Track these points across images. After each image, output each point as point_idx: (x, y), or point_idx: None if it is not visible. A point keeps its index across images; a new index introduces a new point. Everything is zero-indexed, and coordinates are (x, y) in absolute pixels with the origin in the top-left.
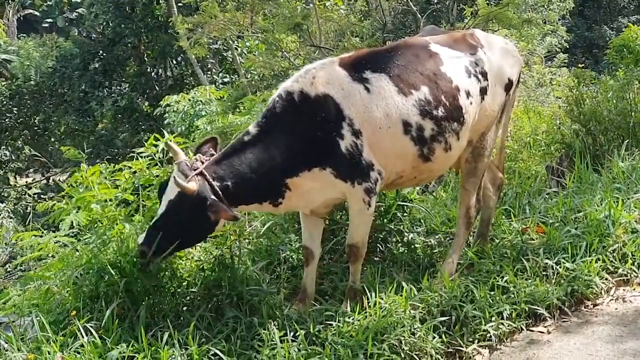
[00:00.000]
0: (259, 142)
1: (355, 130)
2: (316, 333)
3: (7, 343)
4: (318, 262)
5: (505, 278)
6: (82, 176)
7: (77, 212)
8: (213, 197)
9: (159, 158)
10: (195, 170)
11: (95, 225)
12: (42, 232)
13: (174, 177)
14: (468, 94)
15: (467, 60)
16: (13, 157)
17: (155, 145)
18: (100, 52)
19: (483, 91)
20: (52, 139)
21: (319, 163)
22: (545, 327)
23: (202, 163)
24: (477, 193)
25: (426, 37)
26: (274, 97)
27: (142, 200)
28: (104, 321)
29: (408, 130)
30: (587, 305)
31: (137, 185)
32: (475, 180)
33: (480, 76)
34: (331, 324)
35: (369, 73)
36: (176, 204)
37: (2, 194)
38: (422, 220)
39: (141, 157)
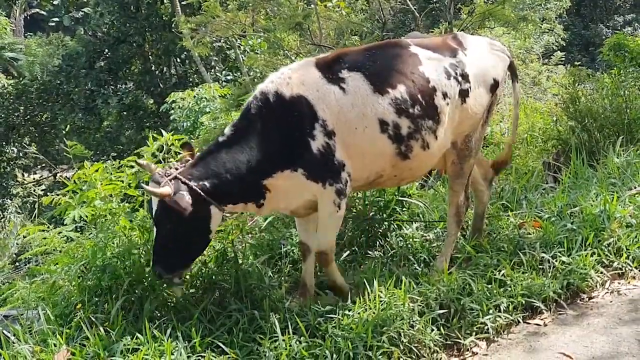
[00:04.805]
0: (234, 142)
1: (328, 131)
2: (317, 325)
3: (14, 335)
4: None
5: (502, 271)
6: (84, 173)
7: (81, 207)
8: (184, 192)
9: (162, 156)
10: (168, 176)
11: (99, 221)
12: (48, 227)
13: (147, 187)
14: (445, 95)
15: (447, 62)
16: (20, 155)
17: (155, 139)
18: (106, 50)
19: (464, 93)
20: (59, 137)
21: (290, 164)
22: (541, 319)
23: (177, 169)
24: (465, 191)
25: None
26: (250, 99)
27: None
28: (108, 314)
29: (385, 129)
30: (583, 298)
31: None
32: (462, 181)
33: (460, 78)
34: (332, 317)
35: (345, 72)
36: (162, 215)
37: (10, 190)
38: (420, 215)
39: (143, 154)
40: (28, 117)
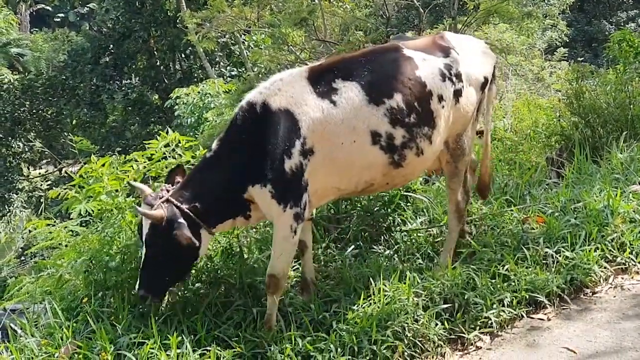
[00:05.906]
0: (221, 157)
1: (305, 150)
2: (321, 320)
3: (21, 329)
4: (324, 250)
5: (506, 266)
6: (91, 168)
7: (87, 201)
8: (181, 220)
9: (168, 152)
10: (161, 198)
11: (105, 215)
12: (54, 221)
13: (140, 209)
14: (441, 98)
15: (441, 63)
16: (26, 149)
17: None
18: (111, 46)
19: (458, 93)
20: (64, 132)
21: (261, 179)
22: (545, 314)
23: (168, 191)
24: (463, 186)
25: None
26: (237, 109)
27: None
28: (115, 308)
29: (377, 140)
30: (586, 293)
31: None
32: (458, 179)
33: (454, 78)
34: (336, 311)
35: (339, 82)
36: (153, 237)
37: (16, 185)
38: (424, 210)
39: (151, 148)
40: (34, 112)
